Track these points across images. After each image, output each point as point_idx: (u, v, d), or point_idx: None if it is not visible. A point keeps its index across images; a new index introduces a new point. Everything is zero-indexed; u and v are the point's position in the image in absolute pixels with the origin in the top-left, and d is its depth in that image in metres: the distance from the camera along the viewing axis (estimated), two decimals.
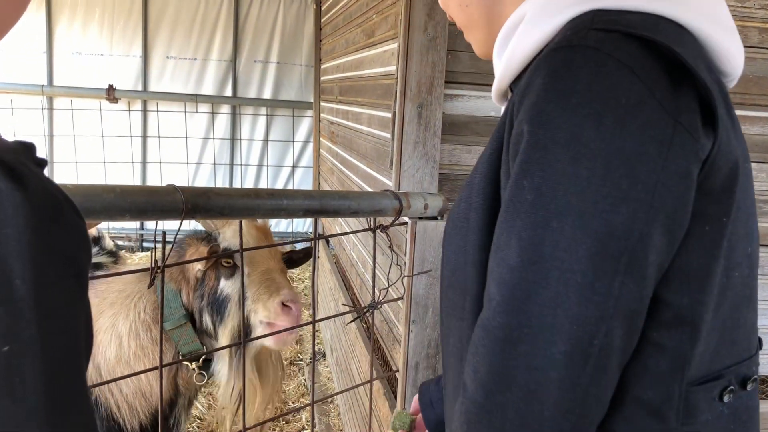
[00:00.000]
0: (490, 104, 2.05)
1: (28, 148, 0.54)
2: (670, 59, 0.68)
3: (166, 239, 1.50)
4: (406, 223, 1.98)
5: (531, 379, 0.66)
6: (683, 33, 0.73)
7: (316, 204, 1.58)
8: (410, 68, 1.94)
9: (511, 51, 0.81)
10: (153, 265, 1.42)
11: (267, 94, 6.73)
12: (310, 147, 6.28)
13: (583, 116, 0.66)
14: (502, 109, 0.95)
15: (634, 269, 0.66)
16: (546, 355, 0.66)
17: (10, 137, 0.55)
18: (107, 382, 1.96)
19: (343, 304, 3.48)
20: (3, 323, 0.44)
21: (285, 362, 4.31)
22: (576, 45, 0.69)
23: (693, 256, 0.72)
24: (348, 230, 2.06)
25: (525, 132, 0.70)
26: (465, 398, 0.73)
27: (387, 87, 2.30)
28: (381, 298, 1.85)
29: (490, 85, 0.92)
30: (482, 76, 2.02)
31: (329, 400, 3.79)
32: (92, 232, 2.29)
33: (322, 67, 4.71)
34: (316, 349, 4.52)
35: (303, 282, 6.00)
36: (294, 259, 2.33)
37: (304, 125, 6.76)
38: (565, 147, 0.66)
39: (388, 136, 2.20)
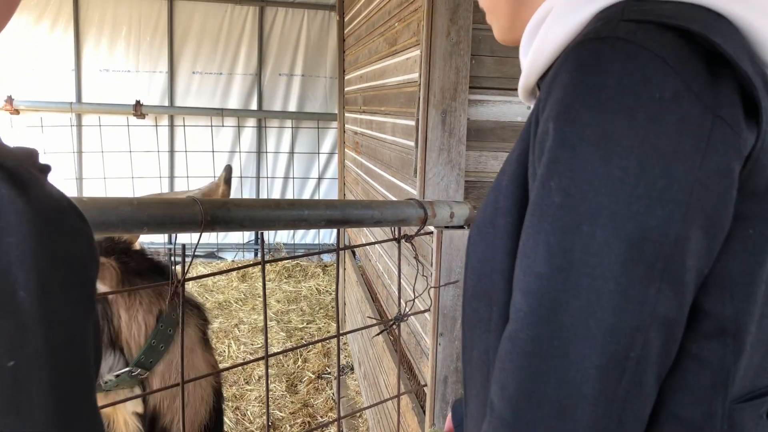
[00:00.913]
0: (517, 109, 2.00)
1: (30, 154, 0.52)
2: (708, 50, 0.63)
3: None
4: (431, 232, 1.93)
5: (563, 395, 0.62)
6: (722, 22, 0.67)
7: (338, 214, 1.54)
8: (433, 74, 1.90)
9: (537, 46, 0.77)
10: (173, 279, 1.39)
11: (292, 107, 6.76)
12: (336, 158, 6.28)
13: (614, 112, 0.61)
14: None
15: (672, 275, 0.61)
16: (578, 369, 0.61)
17: (41, 154, 0.53)
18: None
19: (368, 317, 3.44)
20: (7, 336, 0.42)
21: (313, 375, 4.29)
22: (605, 37, 0.64)
23: (735, 261, 0.67)
24: (375, 241, 2.02)
25: (551, 130, 0.65)
26: (492, 417, 0.69)
27: (410, 95, 2.26)
28: (407, 310, 1.80)
29: (516, 90, 0.87)
30: (507, 81, 1.97)
31: (358, 414, 3.73)
32: (135, 246, 2.22)
33: (346, 78, 4.69)
34: (345, 362, 4.47)
35: (330, 294, 5.97)
36: None
37: (330, 137, 6.77)
38: (595, 145, 0.62)
39: (412, 144, 2.16)
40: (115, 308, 1.72)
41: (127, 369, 1.71)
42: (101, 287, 1.63)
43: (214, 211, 1.33)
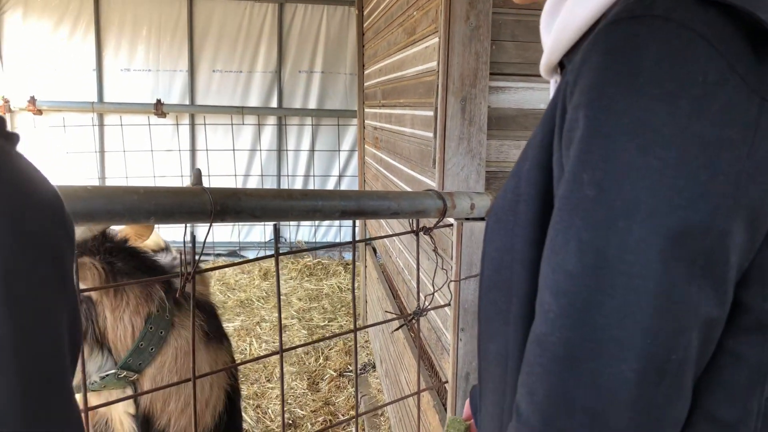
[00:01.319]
0: (539, 96, 1.93)
1: None
2: (753, 28, 0.58)
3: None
4: (451, 225, 1.87)
5: (598, 401, 0.57)
6: None
7: (353, 205, 1.49)
8: (452, 60, 1.83)
9: (562, 21, 0.72)
10: (183, 271, 1.35)
11: (312, 104, 6.73)
12: (356, 156, 6.24)
13: (652, 98, 0.56)
14: (552, 85, 0.85)
15: (714, 272, 0.57)
16: (614, 374, 0.57)
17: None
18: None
19: (386, 311, 3.38)
20: None
21: (334, 373, 4.25)
22: (640, 15, 0.59)
23: None
24: (392, 234, 1.97)
25: (582, 118, 0.60)
26: (519, 423, 0.64)
27: (429, 84, 2.20)
28: (427, 304, 1.75)
29: (539, 76, 0.82)
30: (529, 66, 1.90)
31: (380, 412, 3.68)
32: (160, 243, 2.11)
33: (366, 72, 4.64)
34: (366, 360, 4.43)
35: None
36: None
37: (350, 134, 6.73)
38: (632, 134, 0.57)
39: (431, 135, 2.10)
40: (100, 309, 1.67)
41: (112, 371, 1.67)
42: (83, 286, 1.58)
43: (223, 200, 1.28)
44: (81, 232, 1.62)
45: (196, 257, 1.33)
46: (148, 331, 1.69)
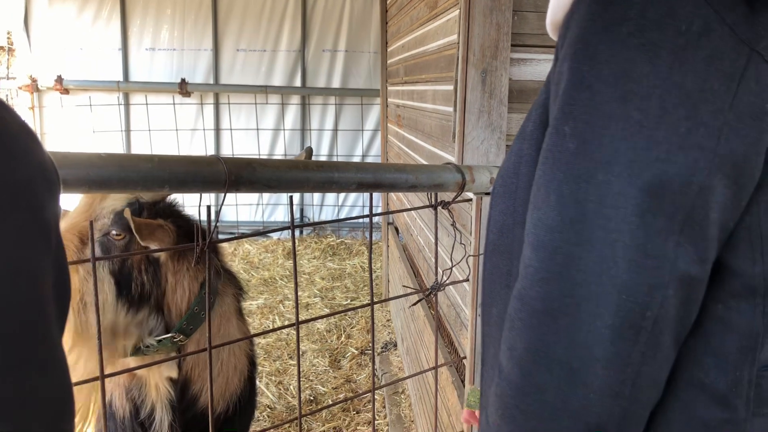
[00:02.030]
0: None
1: None
2: None
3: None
4: (470, 199, 1.85)
5: (574, 357, 0.57)
6: None
7: (370, 177, 1.47)
8: (473, 31, 1.80)
9: None
10: (197, 242, 1.35)
11: (336, 83, 6.70)
12: (379, 135, 6.21)
13: (635, 48, 0.56)
14: None
15: (693, 228, 0.56)
16: (591, 330, 0.57)
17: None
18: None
19: (404, 286, 3.38)
20: None
21: (356, 351, 4.26)
22: None
23: (766, 215, 0.60)
24: (410, 208, 1.95)
25: (566, 70, 0.60)
26: (500, 379, 0.64)
27: (450, 58, 2.16)
28: (445, 279, 1.73)
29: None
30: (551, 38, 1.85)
31: (400, 390, 3.69)
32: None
33: (389, 50, 4.60)
34: (388, 338, 4.43)
35: (374, 271, 5.94)
36: None
37: (374, 113, 6.69)
38: (613, 85, 0.56)
39: (451, 109, 2.07)
40: (164, 271, 1.71)
41: (169, 335, 1.69)
42: (154, 246, 1.63)
43: (238, 170, 1.28)
44: (152, 195, 1.66)
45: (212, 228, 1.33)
46: (202, 297, 1.73)
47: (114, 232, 1.64)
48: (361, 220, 6.88)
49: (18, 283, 0.40)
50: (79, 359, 1.61)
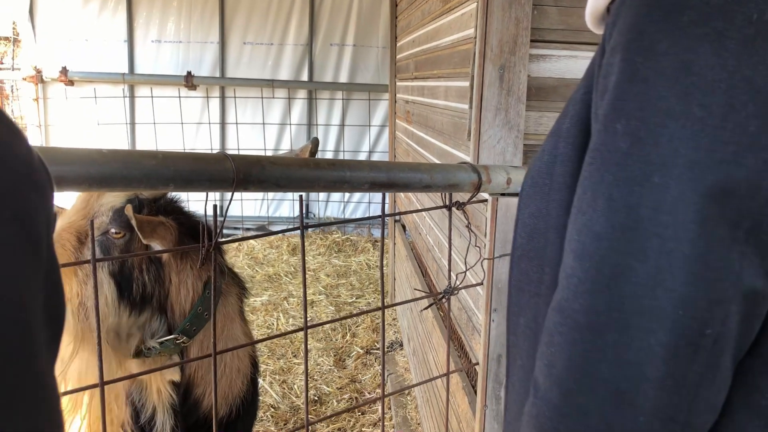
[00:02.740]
0: (583, 65, 1.81)
1: None
2: None
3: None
4: (485, 200, 1.78)
5: (622, 376, 0.52)
6: None
7: (383, 177, 1.41)
8: (490, 25, 1.73)
9: None
10: (203, 243, 1.29)
11: (343, 78, 6.63)
12: (387, 131, 6.15)
13: (698, 38, 0.50)
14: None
15: (760, 238, 0.51)
16: (642, 347, 0.52)
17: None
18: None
19: (415, 289, 3.32)
20: None
21: (361, 351, 4.20)
22: None
23: None
24: (423, 209, 1.89)
25: (618, 62, 0.55)
26: (536, 398, 0.59)
27: (465, 53, 2.09)
28: (458, 283, 1.67)
29: (583, 44, 0.75)
30: (573, 33, 1.78)
31: (407, 392, 3.63)
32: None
33: (398, 44, 4.53)
34: (394, 338, 4.38)
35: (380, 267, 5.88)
36: None
37: (381, 109, 6.62)
38: (672, 78, 0.51)
39: (466, 107, 2.00)
40: (167, 271, 1.65)
41: (172, 336, 1.64)
42: (157, 246, 1.57)
43: (247, 168, 1.21)
44: (152, 191, 1.60)
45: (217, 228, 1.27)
46: (206, 297, 1.68)
47: (113, 230, 1.58)
48: (367, 217, 6.85)
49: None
50: (87, 367, 1.56)
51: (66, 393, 1.36)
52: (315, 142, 1.84)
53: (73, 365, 1.53)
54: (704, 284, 0.50)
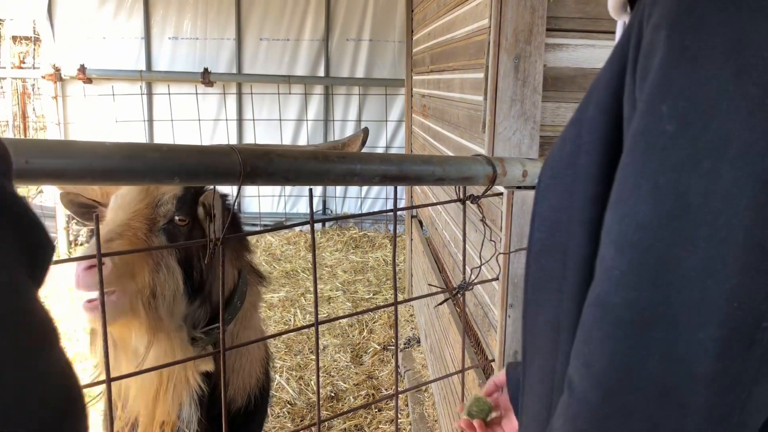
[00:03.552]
0: (600, 54, 1.76)
1: None
2: None
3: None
4: (501, 193, 1.75)
5: (669, 374, 0.49)
6: None
7: (395, 169, 1.37)
8: (505, 14, 1.69)
9: None
10: (210, 237, 1.26)
11: (360, 73, 6.60)
12: (404, 126, 6.12)
13: (752, 12, 0.48)
14: (618, 27, 0.75)
15: None
16: (692, 342, 0.49)
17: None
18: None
19: (429, 284, 3.28)
20: None
21: (378, 347, 4.18)
22: None
23: None
24: (437, 202, 1.85)
25: (663, 39, 0.51)
26: (573, 398, 0.55)
27: (480, 44, 2.05)
28: (473, 278, 1.63)
29: (600, 32, 0.71)
30: (591, 22, 1.74)
31: (424, 389, 3.60)
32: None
33: (414, 38, 4.49)
34: (411, 334, 4.35)
35: (397, 265, 5.85)
36: None
37: (398, 104, 6.58)
38: (724, 56, 0.48)
39: (481, 98, 1.96)
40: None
41: (216, 325, 1.64)
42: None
43: (254, 161, 1.18)
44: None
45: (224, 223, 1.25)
46: (239, 286, 1.71)
47: (178, 218, 1.58)
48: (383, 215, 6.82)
49: None
50: (164, 355, 1.54)
51: (116, 379, 1.28)
52: (366, 132, 1.81)
53: (150, 354, 1.52)
54: (760, 275, 0.48)
